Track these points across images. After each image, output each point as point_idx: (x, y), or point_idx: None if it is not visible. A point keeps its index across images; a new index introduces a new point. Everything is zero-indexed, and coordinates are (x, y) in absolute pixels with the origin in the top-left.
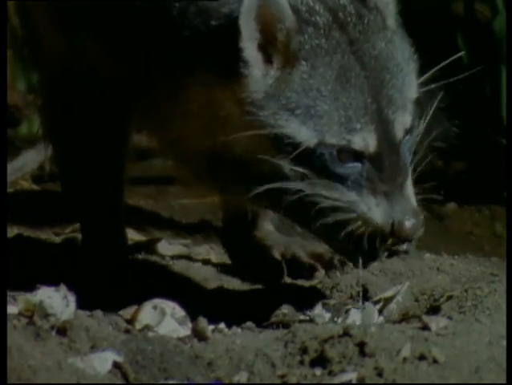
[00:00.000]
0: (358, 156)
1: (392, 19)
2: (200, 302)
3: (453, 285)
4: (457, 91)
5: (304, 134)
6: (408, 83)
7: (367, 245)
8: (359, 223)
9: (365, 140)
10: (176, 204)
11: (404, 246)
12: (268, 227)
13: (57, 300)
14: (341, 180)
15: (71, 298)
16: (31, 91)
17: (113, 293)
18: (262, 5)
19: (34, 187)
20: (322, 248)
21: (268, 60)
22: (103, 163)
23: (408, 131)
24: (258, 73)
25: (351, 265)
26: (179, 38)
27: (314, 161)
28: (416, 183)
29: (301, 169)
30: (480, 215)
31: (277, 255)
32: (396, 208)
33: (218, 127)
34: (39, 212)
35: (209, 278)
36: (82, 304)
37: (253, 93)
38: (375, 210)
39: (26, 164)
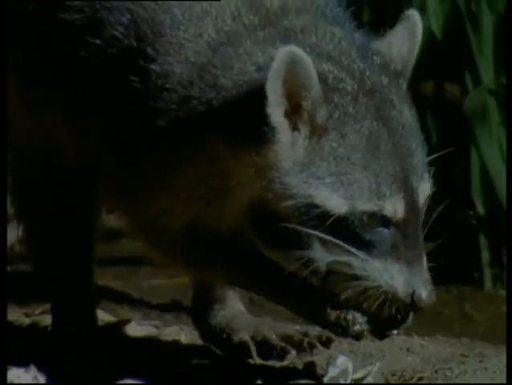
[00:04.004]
0: (386, 222)
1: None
2: (170, 383)
3: (424, 366)
4: None
5: (335, 202)
6: (425, 152)
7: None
8: (380, 291)
9: (394, 207)
10: (145, 285)
11: (395, 331)
12: (238, 308)
13: (27, 381)
14: (366, 247)
15: (41, 379)
16: None
17: (83, 374)
18: (291, 70)
19: None
20: (292, 329)
21: (294, 127)
22: (73, 243)
23: (426, 200)
24: (285, 140)
25: (320, 346)
26: (184, 106)
27: (340, 229)
28: None
29: (329, 237)
30: (449, 295)
31: (246, 337)
32: (417, 278)
33: (214, 199)
34: (10, 293)
35: (180, 359)
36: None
37: (281, 161)
38: (397, 278)
39: None
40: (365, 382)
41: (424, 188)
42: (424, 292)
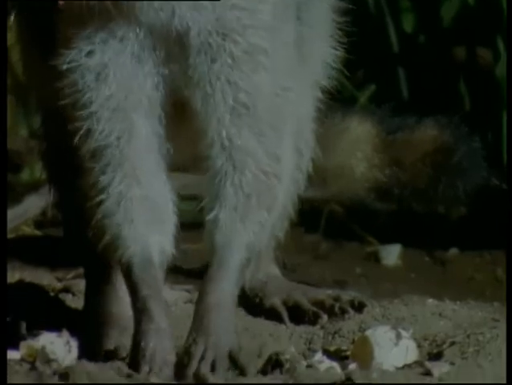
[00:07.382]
0: None
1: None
2: None
3: (456, 331)
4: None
5: None
6: None
7: None
8: None
9: None
10: (177, 249)
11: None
12: (273, 271)
13: (59, 345)
14: None
15: (74, 344)
16: (33, 137)
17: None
18: None
19: (37, 232)
20: (323, 294)
21: None
22: None
23: None
24: None
25: (351, 311)
26: None
27: None
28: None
29: None
30: (481, 260)
31: (278, 302)
32: None
33: None
34: (41, 258)
35: None
36: (84, 349)
37: None
38: None
39: (28, 210)
40: None
41: None
42: None
